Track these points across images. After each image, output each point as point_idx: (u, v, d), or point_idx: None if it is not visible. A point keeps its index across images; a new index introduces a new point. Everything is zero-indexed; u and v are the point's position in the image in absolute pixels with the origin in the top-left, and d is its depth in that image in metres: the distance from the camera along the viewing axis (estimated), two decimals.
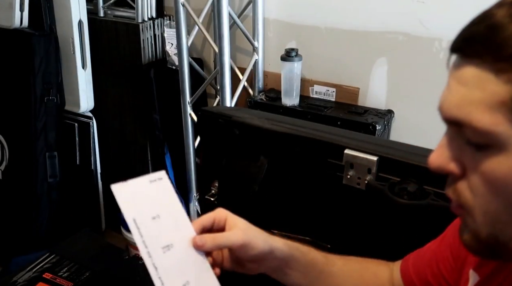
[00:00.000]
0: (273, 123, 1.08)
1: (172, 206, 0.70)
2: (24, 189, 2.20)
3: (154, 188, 0.68)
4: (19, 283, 1.07)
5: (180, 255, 0.67)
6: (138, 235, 0.64)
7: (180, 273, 0.66)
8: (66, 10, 2.11)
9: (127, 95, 2.26)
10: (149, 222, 0.66)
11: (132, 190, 0.66)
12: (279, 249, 0.73)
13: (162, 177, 0.70)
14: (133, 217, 0.65)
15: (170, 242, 0.66)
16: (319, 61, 1.92)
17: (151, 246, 0.64)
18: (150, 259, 0.64)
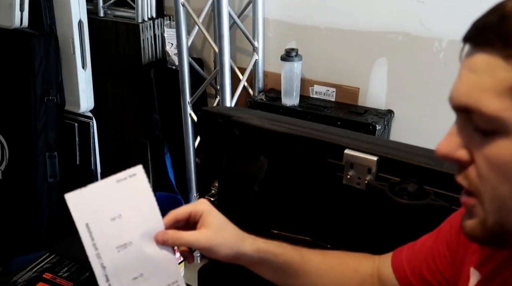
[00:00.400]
0: (273, 123, 1.08)
1: (142, 202, 0.71)
2: (24, 189, 2.20)
3: (121, 186, 0.69)
4: (19, 283, 1.06)
5: (139, 251, 0.69)
6: (88, 239, 0.67)
7: (134, 267, 0.69)
8: (66, 10, 2.11)
9: (127, 95, 2.26)
10: (106, 224, 0.68)
11: (88, 196, 0.68)
12: (246, 255, 0.74)
13: (136, 172, 0.70)
14: (86, 222, 0.67)
15: (130, 240, 0.69)
16: (319, 61, 1.92)
17: (103, 248, 0.68)
18: (98, 260, 0.68)
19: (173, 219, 0.72)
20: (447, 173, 0.89)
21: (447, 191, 0.89)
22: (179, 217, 0.73)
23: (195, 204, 0.74)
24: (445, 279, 0.74)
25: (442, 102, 0.56)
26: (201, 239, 0.71)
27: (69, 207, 0.66)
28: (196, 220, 0.73)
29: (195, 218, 0.73)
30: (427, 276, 0.76)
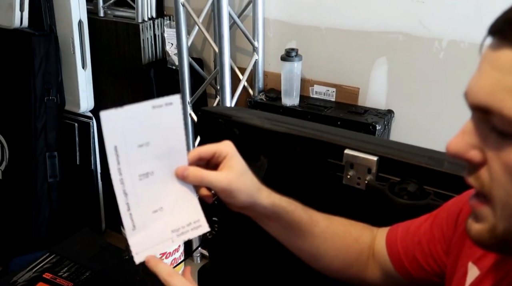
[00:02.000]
0: (273, 123, 1.08)
1: (171, 134, 0.69)
2: (24, 189, 2.20)
3: (155, 113, 0.67)
4: (19, 283, 1.06)
5: (159, 183, 0.67)
6: (115, 162, 0.65)
7: (154, 199, 0.67)
8: (66, 10, 2.11)
9: (127, 95, 2.26)
10: (133, 149, 0.65)
11: (124, 117, 0.66)
12: (261, 205, 0.73)
13: (172, 101, 0.69)
14: (115, 144, 0.65)
15: (152, 170, 0.67)
16: (319, 61, 1.92)
17: (127, 174, 0.66)
18: (121, 186, 0.66)
19: (197, 156, 0.70)
20: (447, 173, 0.89)
21: (447, 191, 0.90)
22: (203, 154, 0.70)
23: (219, 145, 0.71)
24: (438, 265, 0.74)
25: (442, 102, 0.55)
26: (223, 180, 0.68)
27: (102, 125, 0.64)
28: (219, 161, 0.71)
29: (218, 159, 0.71)
30: (419, 258, 0.76)
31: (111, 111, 0.65)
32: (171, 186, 0.68)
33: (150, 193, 0.67)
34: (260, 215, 0.76)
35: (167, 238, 0.68)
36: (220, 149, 0.70)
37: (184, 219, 0.69)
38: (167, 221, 0.68)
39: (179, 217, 0.69)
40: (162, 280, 0.67)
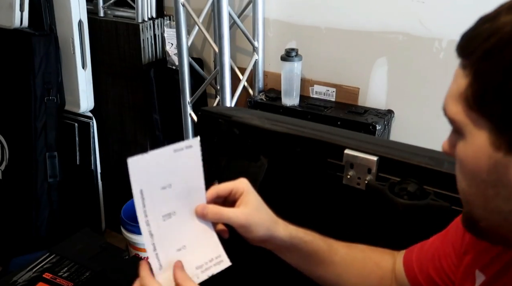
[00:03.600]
0: (273, 123, 1.08)
1: (191, 174, 0.73)
2: (24, 189, 2.20)
3: (176, 156, 0.70)
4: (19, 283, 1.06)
5: (181, 222, 0.71)
6: (141, 205, 0.69)
7: (177, 238, 0.71)
8: (66, 10, 2.11)
9: (127, 95, 2.26)
10: (157, 191, 0.70)
11: (148, 161, 0.70)
12: (279, 238, 0.76)
13: (192, 144, 0.72)
14: (141, 188, 0.69)
15: (174, 210, 0.71)
16: (319, 61, 1.92)
17: (152, 215, 0.69)
18: (147, 227, 0.69)
19: (215, 194, 0.74)
20: (447, 173, 0.89)
21: (447, 191, 0.89)
22: (220, 192, 0.74)
23: (235, 183, 0.76)
24: (450, 279, 0.74)
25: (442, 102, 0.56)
26: (240, 216, 0.72)
27: (129, 170, 0.69)
28: (235, 198, 0.74)
29: (235, 196, 0.74)
30: (433, 275, 0.77)
31: (138, 158, 0.70)
32: (191, 224, 0.72)
33: (173, 232, 0.71)
34: (279, 247, 0.78)
35: (192, 274, 0.71)
36: (237, 186, 0.75)
37: (206, 256, 0.74)
38: (190, 258, 0.71)
39: (201, 254, 0.73)
40: None
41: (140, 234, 2.28)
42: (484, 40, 0.49)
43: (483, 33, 0.50)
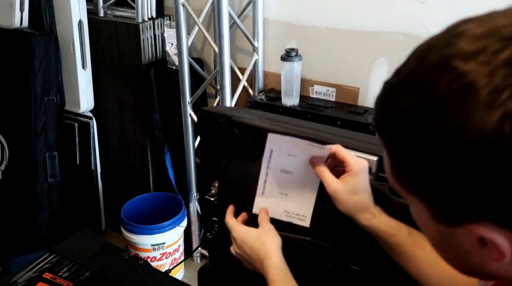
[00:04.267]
0: (273, 123, 1.08)
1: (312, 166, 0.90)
2: (24, 189, 2.20)
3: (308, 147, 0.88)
4: (19, 283, 1.06)
5: (293, 181, 0.92)
6: (268, 157, 0.91)
7: (284, 187, 0.92)
8: (66, 10, 2.11)
9: (127, 95, 2.26)
10: (283, 155, 0.90)
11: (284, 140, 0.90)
12: (359, 223, 0.87)
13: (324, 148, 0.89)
14: (272, 148, 0.91)
15: (292, 170, 0.91)
16: (319, 61, 1.92)
17: (273, 166, 0.92)
18: (266, 170, 0.92)
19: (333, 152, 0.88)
20: None
21: None
22: (337, 154, 0.87)
23: (353, 158, 0.86)
24: None
25: None
26: (330, 186, 0.85)
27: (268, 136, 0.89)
28: (346, 171, 0.86)
29: (346, 169, 0.86)
30: None
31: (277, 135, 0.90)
32: (301, 187, 0.92)
33: (284, 183, 0.92)
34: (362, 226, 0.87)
35: (278, 212, 0.94)
36: (352, 163, 0.85)
37: (297, 209, 0.93)
38: (285, 203, 0.93)
39: (295, 206, 0.93)
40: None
41: (140, 234, 2.29)
42: (388, 126, 0.49)
43: (385, 117, 0.50)
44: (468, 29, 0.46)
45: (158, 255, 2.11)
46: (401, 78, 0.49)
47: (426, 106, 0.45)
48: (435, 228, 0.52)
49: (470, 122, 0.42)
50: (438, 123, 0.44)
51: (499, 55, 0.42)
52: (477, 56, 0.43)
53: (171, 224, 2.08)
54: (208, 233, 1.19)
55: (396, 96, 0.48)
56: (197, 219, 2.22)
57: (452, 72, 0.44)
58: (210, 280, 1.30)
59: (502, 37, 0.43)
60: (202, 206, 1.26)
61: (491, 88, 0.42)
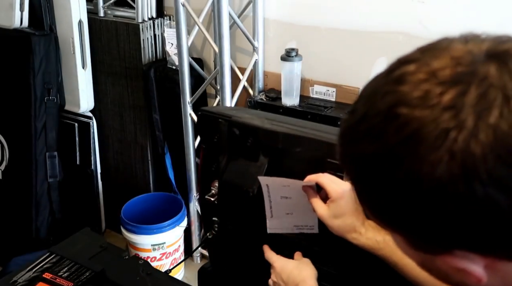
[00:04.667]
0: (273, 123, 1.08)
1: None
2: (24, 189, 2.20)
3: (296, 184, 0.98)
4: (19, 283, 1.06)
5: (294, 203, 1.01)
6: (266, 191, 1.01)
7: (288, 208, 1.02)
8: (66, 10, 2.11)
9: (127, 95, 2.26)
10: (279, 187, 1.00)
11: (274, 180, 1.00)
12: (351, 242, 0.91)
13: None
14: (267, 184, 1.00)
15: (290, 196, 1.01)
16: (319, 61, 1.92)
17: (273, 194, 1.01)
18: (269, 198, 1.02)
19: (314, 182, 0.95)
20: None
21: None
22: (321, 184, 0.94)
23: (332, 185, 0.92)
24: None
25: None
26: (318, 213, 0.93)
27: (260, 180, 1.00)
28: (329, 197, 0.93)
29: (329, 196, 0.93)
30: None
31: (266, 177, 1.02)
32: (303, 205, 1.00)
33: (287, 205, 1.03)
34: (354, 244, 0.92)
35: (288, 228, 1.04)
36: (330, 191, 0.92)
37: (305, 222, 1.03)
38: (293, 220, 1.03)
39: (302, 220, 1.03)
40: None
41: (140, 234, 2.28)
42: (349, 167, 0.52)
43: (346, 159, 0.52)
44: (408, 72, 0.47)
45: (158, 255, 2.11)
46: (355, 123, 0.50)
47: (380, 154, 0.47)
48: (416, 254, 0.54)
49: (421, 167, 0.44)
50: (393, 169, 0.46)
51: (441, 99, 0.43)
52: (421, 103, 0.44)
53: (171, 224, 2.08)
54: (208, 233, 1.19)
55: (354, 140, 0.50)
56: (197, 219, 2.22)
57: (399, 120, 0.45)
58: (210, 280, 1.30)
59: (441, 81, 0.44)
60: (202, 206, 1.26)
61: (437, 132, 0.43)
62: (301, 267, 0.99)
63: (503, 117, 0.42)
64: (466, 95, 0.43)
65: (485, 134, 0.42)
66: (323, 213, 0.93)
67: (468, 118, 0.42)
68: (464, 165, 0.42)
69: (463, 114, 0.42)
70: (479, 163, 0.42)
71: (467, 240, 0.46)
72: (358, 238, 0.91)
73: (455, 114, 0.43)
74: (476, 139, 0.42)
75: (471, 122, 0.42)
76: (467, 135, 0.42)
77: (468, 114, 0.42)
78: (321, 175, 0.95)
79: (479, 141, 0.42)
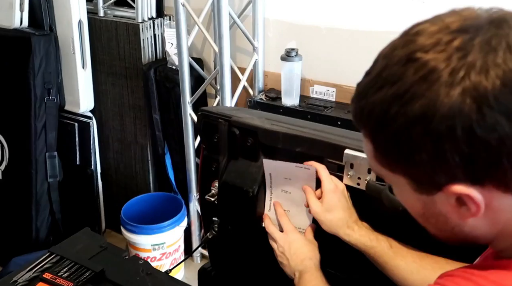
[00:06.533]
0: (273, 123, 1.08)
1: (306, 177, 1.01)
2: (24, 189, 2.20)
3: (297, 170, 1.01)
4: (19, 283, 1.06)
5: (293, 199, 1.04)
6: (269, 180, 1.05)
7: (286, 204, 1.05)
8: (66, 10, 2.11)
9: (127, 95, 2.26)
10: (281, 178, 1.04)
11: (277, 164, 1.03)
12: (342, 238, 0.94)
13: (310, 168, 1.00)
14: (270, 172, 1.04)
15: (291, 191, 1.04)
16: (319, 61, 1.92)
17: (275, 186, 1.05)
18: (270, 189, 1.06)
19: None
20: None
21: None
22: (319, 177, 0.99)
23: (325, 182, 0.96)
24: None
25: None
26: (311, 209, 0.97)
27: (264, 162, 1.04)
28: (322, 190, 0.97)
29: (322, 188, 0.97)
30: None
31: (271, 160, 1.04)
32: (300, 204, 1.03)
33: (285, 201, 1.05)
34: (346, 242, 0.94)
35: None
36: (324, 181, 0.96)
37: (298, 223, 1.04)
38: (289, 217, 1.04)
39: (296, 221, 1.04)
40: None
41: (140, 234, 2.29)
42: (367, 117, 0.57)
43: (364, 110, 0.58)
44: (423, 28, 0.55)
45: (158, 255, 2.11)
46: (374, 76, 0.57)
47: (399, 94, 0.53)
48: (417, 200, 0.60)
49: (437, 100, 0.50)
50: (411, 106, 0.52)
51: (451, 44, 0.51)
52: (434, 47, 0.52)
53: (171, 224, 2.08)
54: (208, 233, 1.19)
55: (372, 91, 0.56)
56: (197, 219, 2.22)
57: (417, 63, 0.52)
58: (210, 280, 1.30)
59: (451, 30, 0.52)
60: (202, 206, 1.26)
61: (449, 70, 0.50)
62: (310, 248, 1.00)
63: (507, 57, 0.49)
64: (473, 40, 0.50)
65: (493, 70, 0.49)
66: (316, 207, 0.95)
67: (477, 57, 0.49)
68: (475, 94, 0.49)
69: (472, 55, 0.50)
70: (489, 91, 0.49)
71: (471, 168, 0.52)
72: (351, 235, 0.93)
73: (465, 55, 0.50)
74: (486, 74, 0.49)
75: (480, 61, 0.49)
76: (477, 72, 0.49)
77: (476, 55, 0.50)
78: (321, 165, 0.98)
79: (489, 75, 0.49)
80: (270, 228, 1.04)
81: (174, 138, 2.21)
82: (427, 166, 0.54)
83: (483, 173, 0.53)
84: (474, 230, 0.59)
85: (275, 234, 1.02)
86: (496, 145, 0.50)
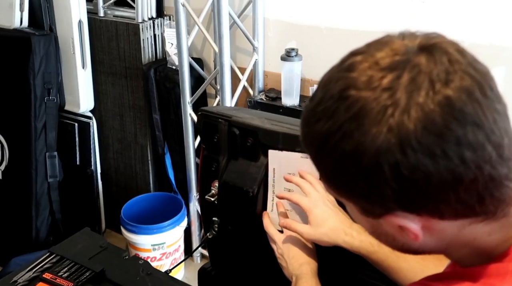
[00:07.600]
0: (273, 123, 1.08)
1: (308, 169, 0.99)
2: (24, 189, 2.20)
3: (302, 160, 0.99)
4: (19, 283, 1.06)
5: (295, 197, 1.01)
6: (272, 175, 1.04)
7: (287, 205, 1.03)
8: (66, 10, 2.11)
9: (127, 95, 2.27)
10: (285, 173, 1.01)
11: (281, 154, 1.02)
12: (344, 247, 0.91)
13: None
14: (273, 167, 1.03)
15: (292, 189, 1.02)
16: (319, 61, 1.92)
17: (277, 184, 1.04)
18: (272, 188, 1.05)
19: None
20: None
21: None
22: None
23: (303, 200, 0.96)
24: None
25: None
26: (303, 236, 0.96)
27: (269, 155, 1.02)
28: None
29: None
30: None
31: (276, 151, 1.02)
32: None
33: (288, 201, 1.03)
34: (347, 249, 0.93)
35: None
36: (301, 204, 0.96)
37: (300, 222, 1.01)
38: (291, 217, 1.02)
39: (298, 220, 1.01)
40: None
41: (140, 234, 2.29)
42: (310, 145, 0.59)
43: (307, 138, 0.59)
44: (355, 63, 0.57)
45: (158, 255, 2.11)
46: (314, 106, 0.58)
47: (333, 131, 0.54)
48: (365, 221, 0.62)
49: (366, 139, 0.52)
50: (343, 144, 0.54)
51: (381, 82, 0.52)
52: (365, 86, 0.53)
53: (171, 224, 2.08)
54: (208, 233, 1.19)
55: (312, 121, 0.57)
56: (197, 219, 2.22)
57: (348, 100, 0.53)
58: (210, 280, 1.30)
59: (381, 67, 0.54)
60: (202, 206, 1.25)
61: (379, 108, 0.51)
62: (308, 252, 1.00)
63: (429, 97, 0.50)
64: (400, 78, 0.52)
65: (415, 111, 0.50)
66: (306, 229, 0.94)
67: (402, 97, 0.51)
68: (399, 135, 0.51)
69: (398, 94, 0.51)
70: (411, 133, 0.50)
71: (404, 201, 0.54)
72: (351, 242, 0.91)
73: (392, 94, 0.51)
74: (408, 114, 0.50)
75: (404, 100, 0.51)
76: (401, 111, 0.51)
77: (402, 94, 0.51)
78: (300, 179, 0.99)
79: (410, 116, 0.50)
80: (270, 229, 1.03)
81: (174, 138, 2.21)
82: (364, 198, 0.57)
83: (415, 205, 0.55)
84: (423, 246, 0.61)
85: (275, 236, 1.01)
86: (423, 183, 0.52)
